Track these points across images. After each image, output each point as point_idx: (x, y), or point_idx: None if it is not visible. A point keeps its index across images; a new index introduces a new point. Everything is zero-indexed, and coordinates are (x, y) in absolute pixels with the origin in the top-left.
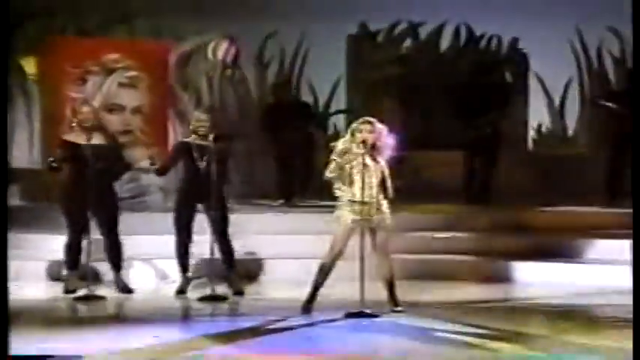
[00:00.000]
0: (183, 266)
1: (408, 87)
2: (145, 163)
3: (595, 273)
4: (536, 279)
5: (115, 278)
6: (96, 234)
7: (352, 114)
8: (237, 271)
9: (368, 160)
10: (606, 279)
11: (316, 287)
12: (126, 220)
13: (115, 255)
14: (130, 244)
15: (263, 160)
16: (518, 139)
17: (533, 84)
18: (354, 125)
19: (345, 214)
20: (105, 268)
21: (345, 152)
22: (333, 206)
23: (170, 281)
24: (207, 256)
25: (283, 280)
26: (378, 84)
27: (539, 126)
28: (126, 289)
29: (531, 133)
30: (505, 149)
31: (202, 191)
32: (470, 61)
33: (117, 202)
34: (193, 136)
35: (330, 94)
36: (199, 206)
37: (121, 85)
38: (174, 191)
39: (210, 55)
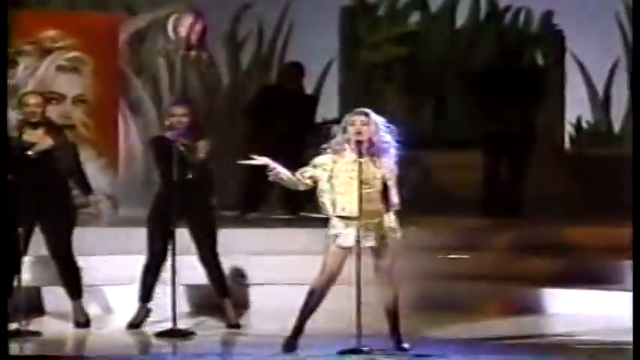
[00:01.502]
0: (147, 293)
1: (416, 72)
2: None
3: None
4: (574, 309)
5: (73, 308)
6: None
7: (343, 106)
8: (232, 300)
9: (366, 163)
10: None
11: (303, 318)
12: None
13: (72, 278)
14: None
15: (226, 162)
16: (552, 137)
17: (570, 68)
18: (346, 118)
19: (339, 231)
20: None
21: (336, 152)
22: (320, 219)
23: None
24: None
25: (261, 310)
26: (379, 68)
27: (579, 120)
28: (86, 322)
29: (568, 130)
30: (536, 149)
31: (183, 202)
32: (492, 40)
33: (73, 215)
34: (169, 133)
35: (320, 80)
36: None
37: (60, 68)
38: (124, 199)
39: (170, 32)
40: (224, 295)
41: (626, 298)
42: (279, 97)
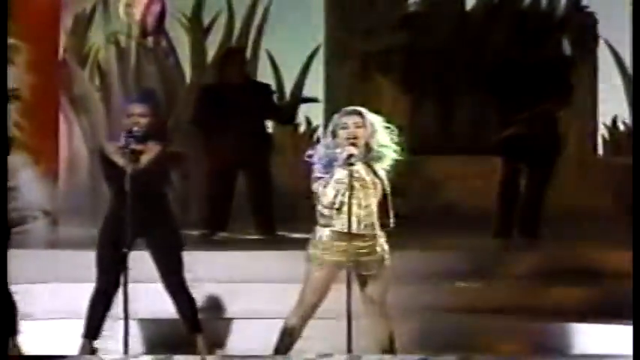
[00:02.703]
0: (94, 329)
1: (418, 63)
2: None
3: None
4: (607, 348)
5: (8, 345)
6: None
7: (330, 104)
8: (204, 335)
9: (360, 172)
10: None
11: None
12: None
13: (7, 311)
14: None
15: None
16: (582, 141)
17: (603, 59)
18: (335, 119)
19: (323, 253)
20: None
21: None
22: (298, 240)
23: None
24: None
25: (229, 348)
26: (374, 58)
27: (614, 121)
28: None
29: (602, 132)
30: (562, 155)
31: (138, 220)
32: (509, 26)
33: (6, 237)
34: (125, 137)
35: (302, 72)
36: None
37: None
38: (66, 216)
39: (122, 14)
40: (195, 330)
41: None
42: (222, 93)
